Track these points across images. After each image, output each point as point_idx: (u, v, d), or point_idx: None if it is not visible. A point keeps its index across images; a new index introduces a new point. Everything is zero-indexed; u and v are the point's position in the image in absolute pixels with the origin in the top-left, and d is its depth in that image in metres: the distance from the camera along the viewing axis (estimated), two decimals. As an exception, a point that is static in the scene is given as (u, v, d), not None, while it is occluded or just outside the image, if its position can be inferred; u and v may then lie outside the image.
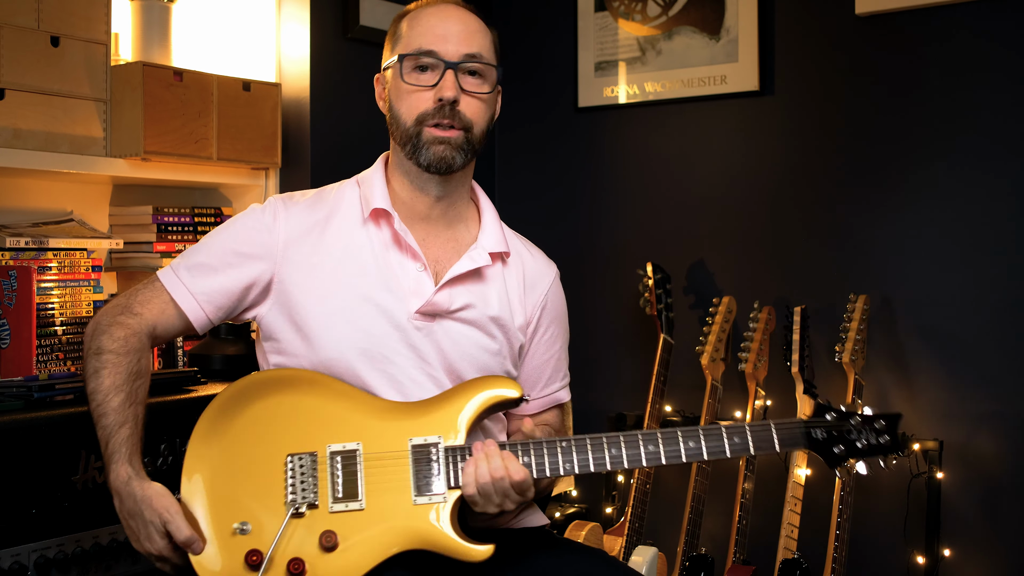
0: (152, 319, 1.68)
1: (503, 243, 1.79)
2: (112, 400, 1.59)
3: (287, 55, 2.91)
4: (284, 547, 1.53)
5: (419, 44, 1.70)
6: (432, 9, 1.74)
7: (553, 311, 1.86)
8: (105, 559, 1.93)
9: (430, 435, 1.58)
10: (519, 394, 1.62)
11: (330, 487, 1.55)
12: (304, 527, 1.54)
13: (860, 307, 2.65)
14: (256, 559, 1.52)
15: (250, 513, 1.55)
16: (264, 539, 1.53)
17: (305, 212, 1.74)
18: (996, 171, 2.64)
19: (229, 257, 1.70)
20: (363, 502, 1.55)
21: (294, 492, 1.55)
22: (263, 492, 1.56)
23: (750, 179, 3.02)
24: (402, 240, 1.71)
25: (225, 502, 1.55)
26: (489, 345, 1.73)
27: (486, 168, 3.46)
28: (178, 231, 2.64)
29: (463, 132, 1.69)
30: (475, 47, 1.70)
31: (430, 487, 1.55)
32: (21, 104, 2.25)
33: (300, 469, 1.56)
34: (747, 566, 2.59)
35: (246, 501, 1.55)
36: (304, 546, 1.53)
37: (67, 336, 2.31)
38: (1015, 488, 2.62)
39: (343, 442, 1.57)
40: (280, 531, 1.52)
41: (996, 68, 2.64)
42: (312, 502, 1.55)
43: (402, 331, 1.68)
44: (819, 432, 1.60)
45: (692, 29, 3.08)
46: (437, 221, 1.76)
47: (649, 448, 1.57)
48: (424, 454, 1.57)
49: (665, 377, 2.82)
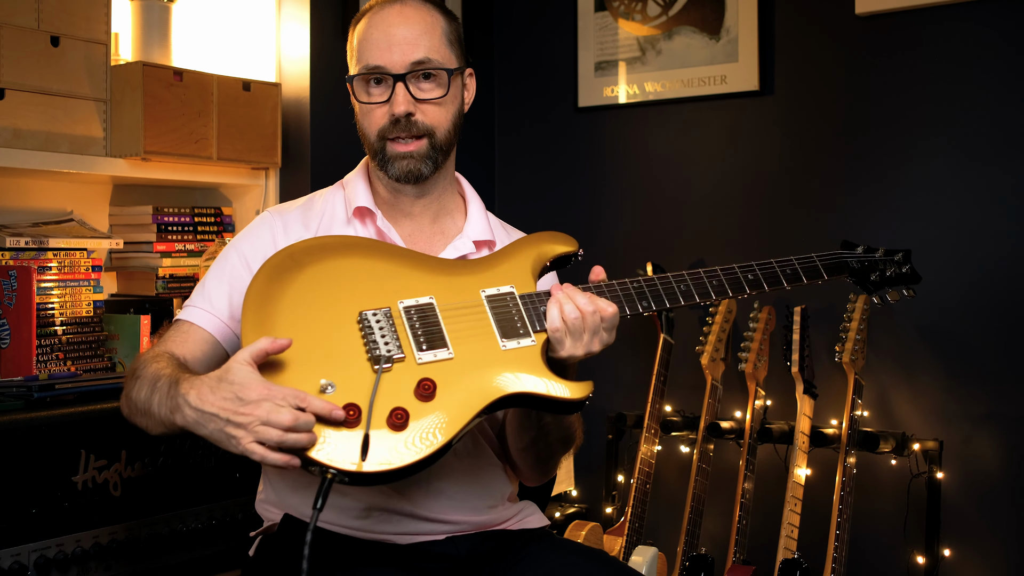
0: (180, 351, 1.62)
1: (488, 232, 1.79)
2: (146, 373, 1.51)
3: (287, 55, 2.91)
4: (382, 399, 1.42)
5: (366, 60, 1.68)
6: (376, 17, 1.70)
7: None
8: (105, 559, 1.93)
9: (502, 286, 1.56)
10: (575, 248, 1.65)
11: (412, 339, 1.48)
12: (396, 379, 1.45)
13: (860, 307, 2.65)
14: (353, 414, 1.40)
15: (331, 373, 1.42)
16: (355, 395, 1.41)
17: (298, 217, 1.75)
18: (996, 171, 2.64)
19: (236, 270, 1.69)
20: (451, 350, 1.48)
21: (377, 346, 1.46)
22: (339, 352, 1.45)
23: (750, 179, 3.02)
24: (386, 237, 1.72)
25: (299, 365, 1.43)
26: None
27: (486, 168, 3.47)
28: (178, 231, 2.64)
29: (425, 140, 1.68)
30: (422, 51, 1.67)
31: (516, 331, 1.51)
32: (21, 104, 2.25)
33: (377, 324, 1.48)
34: (747, 566, 2.59)
35: (322, 362, 1.43)
36: (401, 396, 1.43)
37: (67, 336, 2.31)
38: (1015, 488, 2.62)
39: (415, 297, 1.53)
40: (376, 382, 1.42)
41: (996, 68, 2.64)
42: (397, 355, 1.46)
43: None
44: (855, 262, 1.79)
45: (692, 29, 3.08)
46: (421, 217, 1.77)
47: (714, 282, 1.65)
48: (501, 302, 1.54)
49: (665, 377, 2.82)
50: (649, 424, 2.78)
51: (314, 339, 1.45)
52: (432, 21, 1.70)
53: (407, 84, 1.66)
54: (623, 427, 3.06)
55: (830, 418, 2.79)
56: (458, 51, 1.74)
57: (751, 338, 2.74)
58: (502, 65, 3.48)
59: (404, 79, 1.66)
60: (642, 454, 2.76)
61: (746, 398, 2.79)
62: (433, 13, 1.72)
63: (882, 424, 2.77)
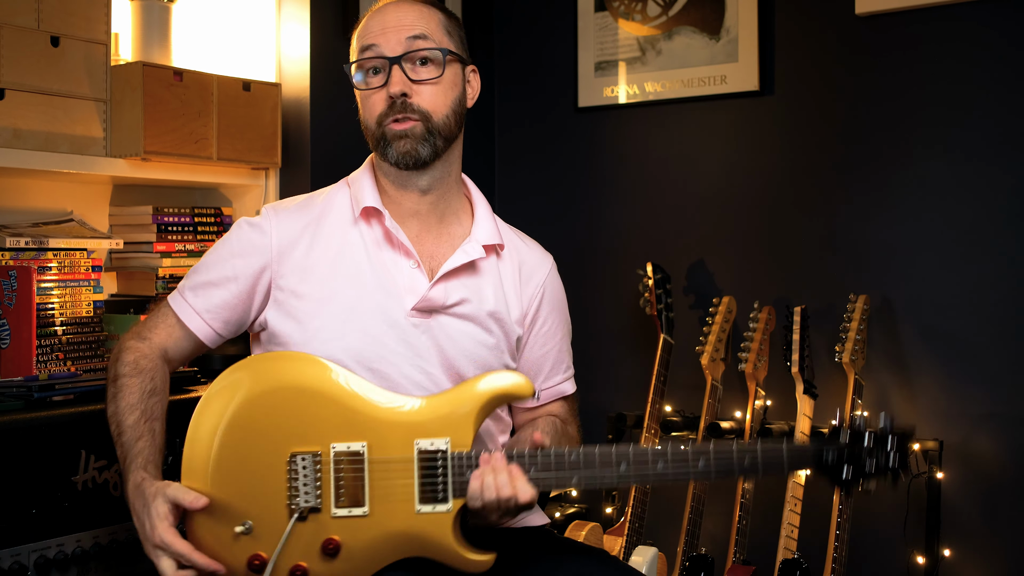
0: (160, 342, 1.71)
1: (496, 235, 1.78)
2: (127, 418, 1.61)
3: (287, 55, 2.91)
4: (286, 552, 1.52)
5: (363, 43, 1.72)
6: (374, 11, 1.75)
7: (551, 302, 1.86)
8: (105, 559, 1.93)
9: (437, 438, 1.55)
10: (531, 392, 1.59)
11: (334, 491, 1.54)
12: (307, 532, 1.53)
13: (860, 307, 2.65)
14: (258, 563, 1.51)
15: (252, 512, 1.54)
16: (266, 541, 1.53)
17: (295, 216, 1.75)
18: (996, 171, 2.64)
19: (227, 270, 1.72)
20: (367, 508, 1.53)
21: (297, 495, 1.54)
22: (264, 492, 1.54)
23: (750, 179, 3.02)
24: (394, 237, 1.71)
25: (227, 501, 1.54)
26: (486, 339, 1.73)
27: (486, 168, 3.47)
28: (178, 231, 2.64)
29: (421, 122, 1.68)
30: (416, 30, 1.70)
31: (436, 496, 1.53)
32: (21, 104, 2.25)
33: (304, 471, 1.54)
34: (747, 566, 2.59)
35: (249, 499, 1.54)
36: (306, 552, 1.52)
37: (67, 336, 2.31)
38: (1015, 488, 2.62)
39: (348, 441, 1.55)
40: (284, 538, 1.52)
41: (996, 68, 2.64)
42: (315, 506, 1.54)
43: (399, 329, 1.68)
44: (830, 455, 1.57)
45: (692, 29, 3.08)
46: (428, 216, 1.76)
47: (659, 466, 1.55)
48: (430, 460, 1.54)
49: (665, 377, 2.82)
50: (649, 424, 2.78)
51: (246, 474, 1.55)
52: (429, 12, 1.74)
53: (403, 66, 1.68)
54: (623, 427, 3.05)
55: (830, 418, 2.79)
56: (458, 43, 1.76)
57: (751, 338, 2.74)
58: (502, 65, 3.48)
59: (400, 61, 1.68)
60: (642, 454, 2.76)
61: (746, 398, 2.79)
62: (431, 9, 1.75)
63: (882, 424, 2.76)
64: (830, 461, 1.57)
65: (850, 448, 1.57)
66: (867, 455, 1.58)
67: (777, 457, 1.55)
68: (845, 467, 1.57)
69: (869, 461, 1.57)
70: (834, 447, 1.57)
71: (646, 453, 1.55)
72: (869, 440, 1.58)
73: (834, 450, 1.57)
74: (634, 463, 1.55)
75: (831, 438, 1.59)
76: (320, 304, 1.68)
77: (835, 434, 1.59)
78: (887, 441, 1.58)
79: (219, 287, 1.72)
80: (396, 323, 1.68)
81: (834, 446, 1.58)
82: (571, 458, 1.55)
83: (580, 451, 1.55)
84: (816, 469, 1.58)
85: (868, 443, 1.58)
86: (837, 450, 1.57)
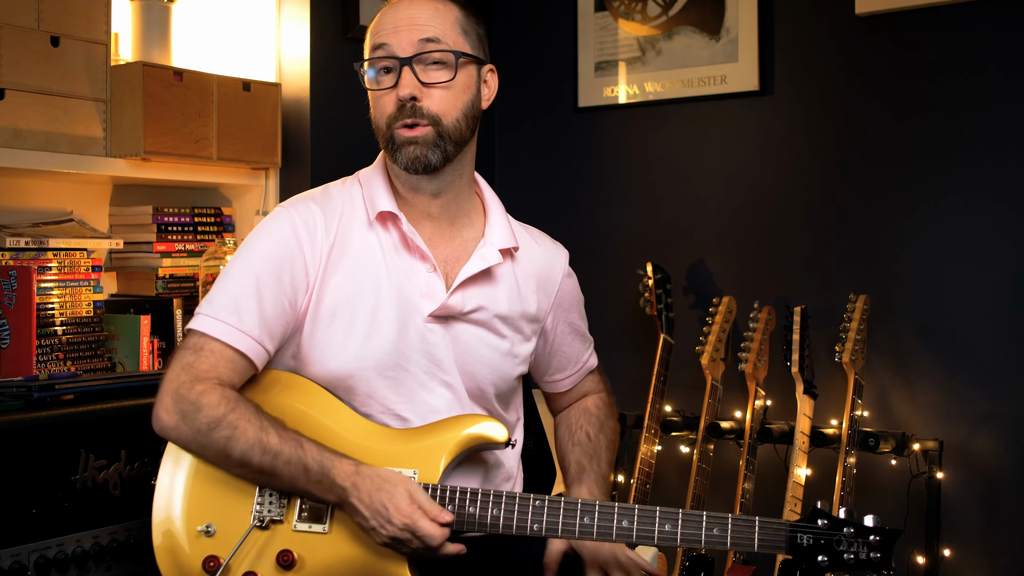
0: (229, 378, 1.57)
1: (511, 238, 1.75)
2: (269, 440, 1.52)
3: (287, 55, 2.91)
4: (241, 558, 1.54)
5: (375, 41, 1.67)
6: (389, 7, 1.70)
7: (571, 297, 1.88)
8: (105, 559, 1.93)
9: (407, 468, 1.57)
10: (505, 439, 1.60)
11: (298, 506, 1.56)
12: (265, 541, 1.55)
13: (860, 307, 2.65)
14: (213, 565, 1.53)
15: (218, 516, 1.56)
16: (225, 545, 1.55)
17: (318, 216, 1.67)
18: (996, 170, 2.64)
19: (265, 279, 1.61)
20: (327, 526, 1.55)
21: (261, 505, 1.56)
22: (234, 496, 1.57)
23: (750, 179, 3.02)
24: (410, 242, 1.67)
25: (196, 500, 1.56)
26: (500, 345, 1.72)
27: (486, 168, 3.46)
28: (178, 231, 2.64)
29: (431, 127, 1.63)
30: (429, 32, 1.64)
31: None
32: (21, 104, 2.25)
33: None
34: (747, 566, 2.59)
35: (217, 502, 1.57)
36: (261, 560, 1.54)
37: (67, 336, 2.31)
38: (1015, 488, 2.62)
39: None
40: (240, 543, 1.54)
41: (996, 68, 2.64)
42: (277, 518, 1.55)
43: (416, 335, 1.66)
44: (806, 538, 1.50)
45: (692, 29, 3.08)
46: (440, 218, 1.72)
47: (623, 524, 1.53)
48: None
49: (665, 377, 2.82)
50: (649, 424, 2.78)
51: (221, 478, 1.57)
52: (446, 10, 1.68)
53: (414, 68, 1.63)
54: (623, 427, 3.05)
55: (830, 418, 2.79)
56: (475, 42, 1.71)
57: (751, 338, 2.74)
58: (502, 65, 3.47)
59: (411, 63, 1.63)
60: (642, 454, 2.76)
61: (746, 398, 2.79)
62: (448, 5, 1.69)
63: (882, 424, 2.77)
64: (804, 544, 1.50)
65: (828, 532, 1.50)
66: (848, 543, 1.49)
67: (748, 534, 1.51)
68: (820, 554, 1.49)
69: (849, 551, 1.49)
70: (811, 531, 1.50)
71: (612, 509, 1.54)
72: (850, 529, 1.50)
73: (810, 534, 1.50)
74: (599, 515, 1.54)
75: (811, 517, 1.51)
76: (338, 309, 1.64)
77: (813, 516, 1.51)
78: (872, 532, 1.50)
79: (263, 301, 1.60)
80: (414, 329, 1.65)
81: (811, 530, 1.50)
82: (536, 504, 1.54)
83: (546, 499, 1.54)
84: (790, 552, 1.50)
85: (849, 532, 1.50)
86: (813, 534, 1.50)
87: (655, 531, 1.53)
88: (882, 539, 1.50)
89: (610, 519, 1.53)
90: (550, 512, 1.53)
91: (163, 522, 1.57)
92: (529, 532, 1.53)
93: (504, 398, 1.76)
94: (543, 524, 1.53)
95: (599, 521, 1.53)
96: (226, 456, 1.53)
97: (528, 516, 1.53)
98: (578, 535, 1.53)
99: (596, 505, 1.53)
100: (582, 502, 1.54)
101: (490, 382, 1.71)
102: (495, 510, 1.53)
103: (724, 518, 1.52)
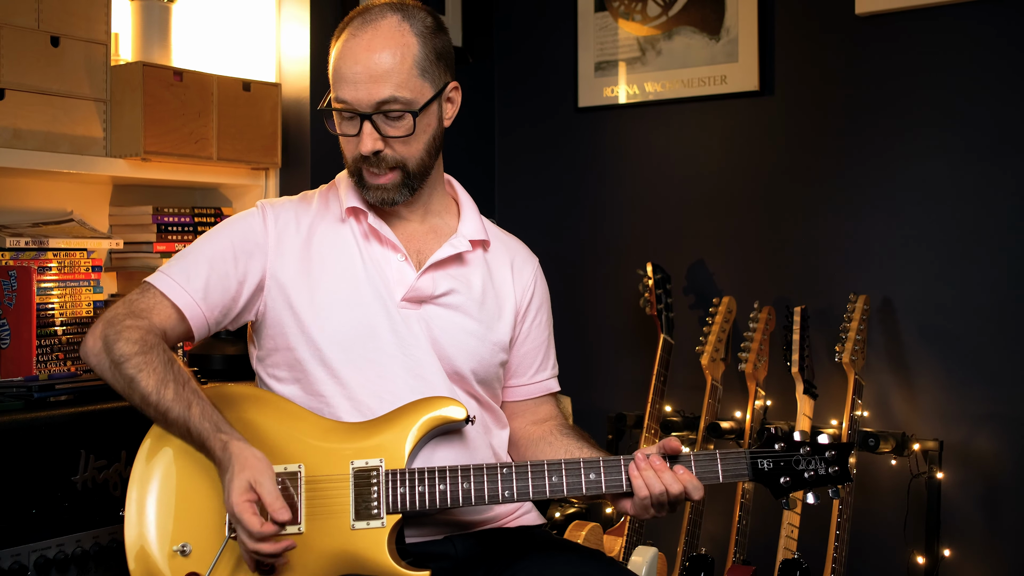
0: (160, 323, 1.66)
1: (483, 232, 1.82)
2: (166, 393, 1.58)
3: (287, 55, 2.91)
4: (221, 571, 1.54)
5: (336, 91, 1.68)
6: (348, 45, 1.66)
7: (541, 296, 1.90)
8: (105, 559, 1.93)
9: (372, 458, 1.58)
10: (464, 415, 1.61)
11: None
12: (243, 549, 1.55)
13: (860, 307, 2.64)
14: None
15: (191, 533, 1.56)
16: (202, 562, 1.55)
17: (291, 211, 1.77)
18: (996, 170, 2.64)
19: (221, 255, 1.70)
20: (301, 526, 1.55)
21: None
22: (206, 512, 1.57)
23: (750, 179, 3.02)
24: (380, 234, 1.74)
25: (167, 521, 1.57)
26: (475, 329, 1.76)
27: (486, 168, 3.47)
28: (178, 231, 2.64)
29: (398, 171, 1.69)
30: (387, 90, 1.63)
31: (370, 512, 1.55)
32: (21, 104, 2.25)
33: None
34: (747, 566, 2.59)
35: (188, 520, 1.57)
36: (241, 570, 1.54)
37: (67, 336, 2.31)
38: (1015, 488, 2.62)
39: (285, 463, 1.58)
40: (217, 557, 1.54)
41: (996, 68, 2.64)
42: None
43: (390, 320, 1.70)
44: (765, 463, 1.58)
45: (692, 29, 3.08)
46: (411, 218, 1.79)
47: (591, 477, 1.57)
48: (365, 478, 1.57)
49: (665, 377, 2.82)
50: (649, 424, 2.78)
51: (190, 495, 1.58)
52: (403, 51, 1.64)
53: (374, 122, 1.65)
54: (623, 427, 3.06)
55: (830, 418, 2.79)
56: (435, 74, 1.69)
57: (751, 338, 2.74)
58: (502, 65, 3.48)
59: (371, 118, 1.65)
60: (642, 454, 2.75)
61: (746, 398, 2.79)
62: (407, 38, 1.65)
63: (882, 424, 2.77)
64: (765, 468, 1.58)
65: (786, 454, 1.58)
66: (805, 461, 1.58)
67: (711, 467, 1.57)
68: (783, 476, 1.58)
69: (808, 468, 1.57)
70: (769, 455, 1.58)
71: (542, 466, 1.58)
72: (806, 448, 1.58)
73: (769, 458, 1.58)
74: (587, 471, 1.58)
75: (767, 443, 1.59)
76: (315, 295, 1.70)
77: (769, 441, 1.59)
78: (826, 449, 1.58)
79: (212, 270, 1.69)
80: (388, 314, 1.70)
81: (769, 454, 1.58)
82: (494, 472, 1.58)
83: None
84: (754, 478, 1.58)
85: (805, 451, 1.58)
86: (772, 458, 1.58)
87: (623, 479, 1.57)
88: (837, 453, 1.58)
89: (577, 474, 1.57)
90: (519, 477, 1.57)
91: (137, 548, 1.57)
92: (501, 500, 1.56)
93: (488, 384, 1.79)
94: (514, 490, 1.56)
95: (567, 478, 1.57)
96: (129, 395, 1.60)
97: (498, 484, 1.56)
98: (549, 494, 1.56)
99: (562, 463, 1.57)
100: (548, 462, 1.58)
101: (468, 367, 1.74)
102: (465, 483, 1.56)
103: (687, 457, 1.58)
